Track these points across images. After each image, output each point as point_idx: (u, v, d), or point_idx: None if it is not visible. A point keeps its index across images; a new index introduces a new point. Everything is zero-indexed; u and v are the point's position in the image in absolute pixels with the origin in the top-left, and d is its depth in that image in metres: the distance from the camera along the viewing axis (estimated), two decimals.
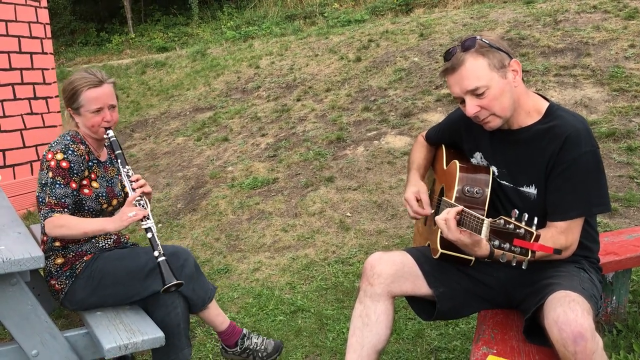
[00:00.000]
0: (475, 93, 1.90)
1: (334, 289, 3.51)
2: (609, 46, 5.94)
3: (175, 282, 2.20)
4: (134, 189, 2.38)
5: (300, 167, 5.38)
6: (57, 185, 2.34)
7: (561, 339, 1.62)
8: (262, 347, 2.69)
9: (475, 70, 1.89)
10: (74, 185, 2.38)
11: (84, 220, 2.40)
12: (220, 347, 2.70)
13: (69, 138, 2.43)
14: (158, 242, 2.28)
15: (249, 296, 3.55)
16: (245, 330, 2.68)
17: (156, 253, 2.25)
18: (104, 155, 2.61)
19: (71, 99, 2.44)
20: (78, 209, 2.44)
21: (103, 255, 2.47)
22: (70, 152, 2.38)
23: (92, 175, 2.48)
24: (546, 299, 1.77)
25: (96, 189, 2.48)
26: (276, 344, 2.74)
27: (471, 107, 1.93)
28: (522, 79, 1.99)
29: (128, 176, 2.42)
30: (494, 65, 1.89)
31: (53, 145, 2.41)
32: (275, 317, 3.26)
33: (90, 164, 2.48)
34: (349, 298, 3.36)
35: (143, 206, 2.35)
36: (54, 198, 2.33)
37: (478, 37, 1.92)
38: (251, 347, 2.66)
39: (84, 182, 2.45)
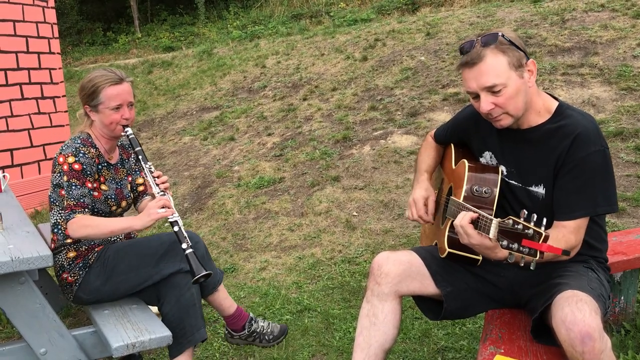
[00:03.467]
0: (492, 90, 1.88)
1: (340, 288, 3.51)
2: (616, 45, 5.91)
3: (204, 272, 2.26)
4: (157, 185, 2.42)
5: (307, 167, 5.38)
6: (74, 187, 2.36)
7: (569, 339, 1.62)
8: (269, 330, 2.76)
9: (495, 67, 1.86)
10: (89, 185, 2.41)
11: (109, 219, 2.43)
12: (226, 332, 2.74)
13: (79, 141, 2.44)
14: (185, 234, 2.33)
15: (255, 295, 3.55)
16: (251, 314, 2.75)
17: (184, 245, 2.30)
18: (115, 158, 2.63)
19: (91, 96, 2.45)
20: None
21: (114, 244, 2.52)
22: (81, 154, 2.40)
23: (101, 179, 2.51)
24: (554, 299, 1.76)
25: (105, 191, 2.50)
26: (282, 327, 2.81)
27: (486, 104, 1.90)
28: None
29: (151, 172, 2.45)
30: (512, 63, 1.87)
31: (64, 148, 2.43)
32: (281, 316, 3.26)
33: (99, 166, 2.51)
34: (355, 297, 3.36)
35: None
36: (72, 200, 2.35)
37: (499, 33, 1.88)
38: (258, 330, 2.73)
39: (94, 184, 2.47)
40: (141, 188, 2.75)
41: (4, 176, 3.18)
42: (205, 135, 6.88)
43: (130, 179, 2.70)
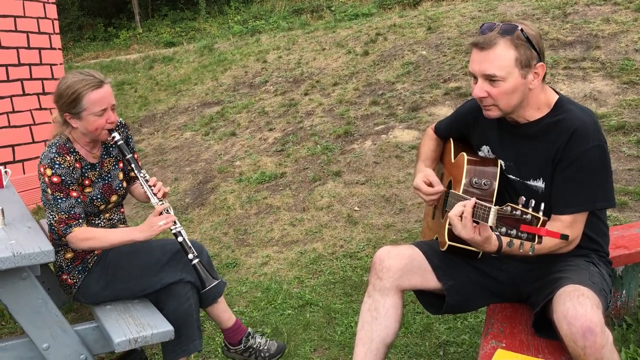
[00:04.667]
0: (490, 79, 1.88)
1: (342, 283, 3.52)
2: (618, 39, 5.89)
3: (215, 282, 2.29)
4: (154, 194, 2.37)
5: (308, 162, 5.38)
6: (60, 200, 2.30)
7: (570, 333, 1.62)
8: (265, 347, 2.68)
9: (501, 59, 1.85)
10: (74, 194, 2.33)
11: (110, 231, 2.40)
12: (223, 345, 2.70)
13: (54, 150, 2.32)
14: (190, 244, 2.32)
15: (257, 290, 3.56)
16: (249, 329, 2.69)
17: (190, 256, 2.29)
18: (98, 152, 2.51)
19: (72, 103, 2.32)
20: None
21: (115, 249, 2.46)
22: (57, 166, 2.29)
23: (86, 181, 2.42)
24: (555, 293, 1.76)
25: (89, 192, 2.43)
26: (279, 346, 2.73)
27: (479, 90, 1.91)
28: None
29: (146, 180, 2.40)
30: (520, 61, 1.86)
31: (42, 157, 2.33)
32: (283, 311, 3.27)
33: (83, 170, 2.41)
34: (357, 292, 3.37)
35: (167, 211, 2.35)
36: (63, 213, 2.30)
37: (520, 27, 1.87)
38: (254, 346, 2.66)
39: (78, 189, 2.40)
40: (133, 173, 2.60)
41: (5, 172, 3.18)
42: (207, 130, 6.88)
43: (121, 165, 2.58)
